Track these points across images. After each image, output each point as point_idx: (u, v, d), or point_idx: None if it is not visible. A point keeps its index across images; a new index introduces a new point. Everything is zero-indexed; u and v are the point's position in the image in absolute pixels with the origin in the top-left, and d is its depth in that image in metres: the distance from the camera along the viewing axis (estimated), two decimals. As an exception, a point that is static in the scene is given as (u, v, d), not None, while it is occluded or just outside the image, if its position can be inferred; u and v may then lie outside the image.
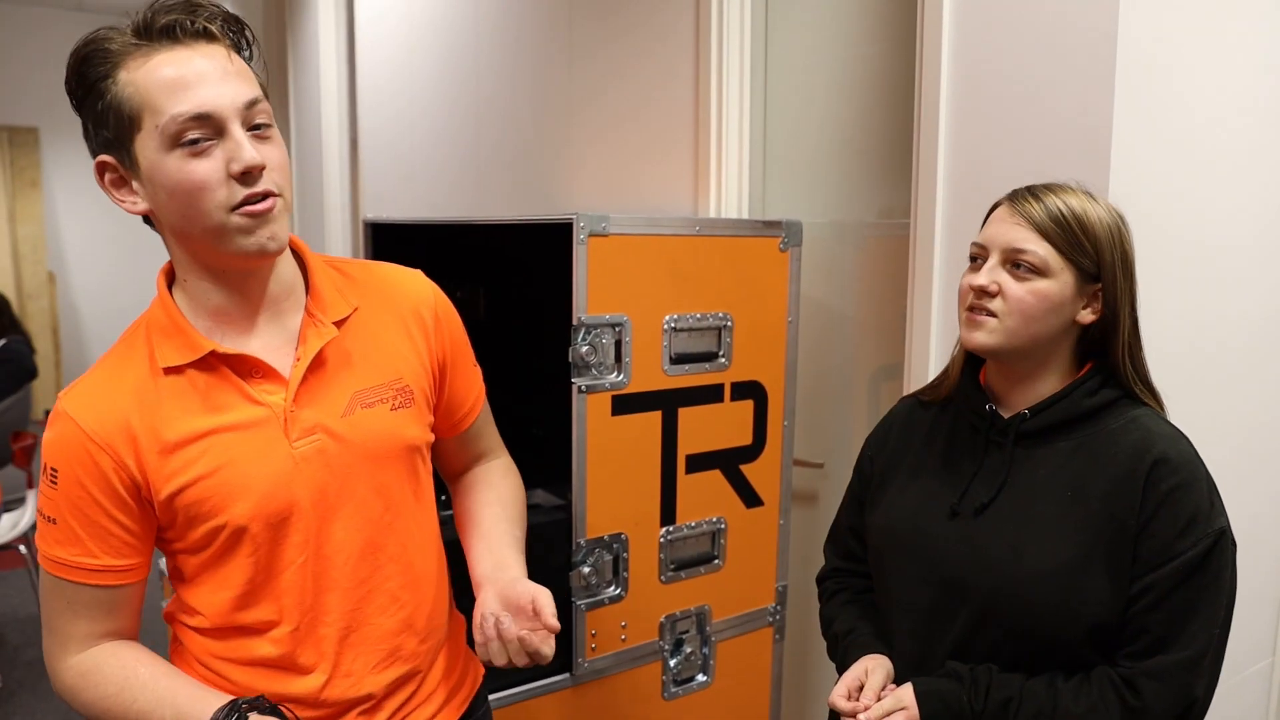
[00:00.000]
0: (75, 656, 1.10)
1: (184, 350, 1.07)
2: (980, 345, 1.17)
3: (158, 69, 0.98)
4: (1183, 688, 1.08)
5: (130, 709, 1.06)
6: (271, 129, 1.03)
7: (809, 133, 2.19)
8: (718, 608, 1.89)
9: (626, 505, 1.72)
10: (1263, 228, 1.75)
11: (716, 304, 1.79)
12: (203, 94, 0.97)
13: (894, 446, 1.35)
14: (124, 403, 1.05)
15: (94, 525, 1.06)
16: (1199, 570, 1.08)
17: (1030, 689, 1.12)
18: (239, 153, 0.98)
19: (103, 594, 1.09)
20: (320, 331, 1.12)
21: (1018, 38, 1.56)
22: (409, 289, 1.23)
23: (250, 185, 1.00)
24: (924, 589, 1.23)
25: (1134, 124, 1.47)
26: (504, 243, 2.22)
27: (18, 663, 3.63)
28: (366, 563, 1.15)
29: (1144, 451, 1.11)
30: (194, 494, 1.05)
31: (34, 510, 3.72)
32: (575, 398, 1.62)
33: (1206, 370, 1.69)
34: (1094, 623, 1.10)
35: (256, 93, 1.02)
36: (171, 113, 0.97)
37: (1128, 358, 1.17)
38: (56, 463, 1.05)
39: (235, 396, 1.08)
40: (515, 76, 2.97)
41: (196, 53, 0.99)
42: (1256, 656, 1.92)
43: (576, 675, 1.71)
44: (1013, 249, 1.14)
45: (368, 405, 1.13)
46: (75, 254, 8.42)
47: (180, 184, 0.99)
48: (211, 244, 1.03)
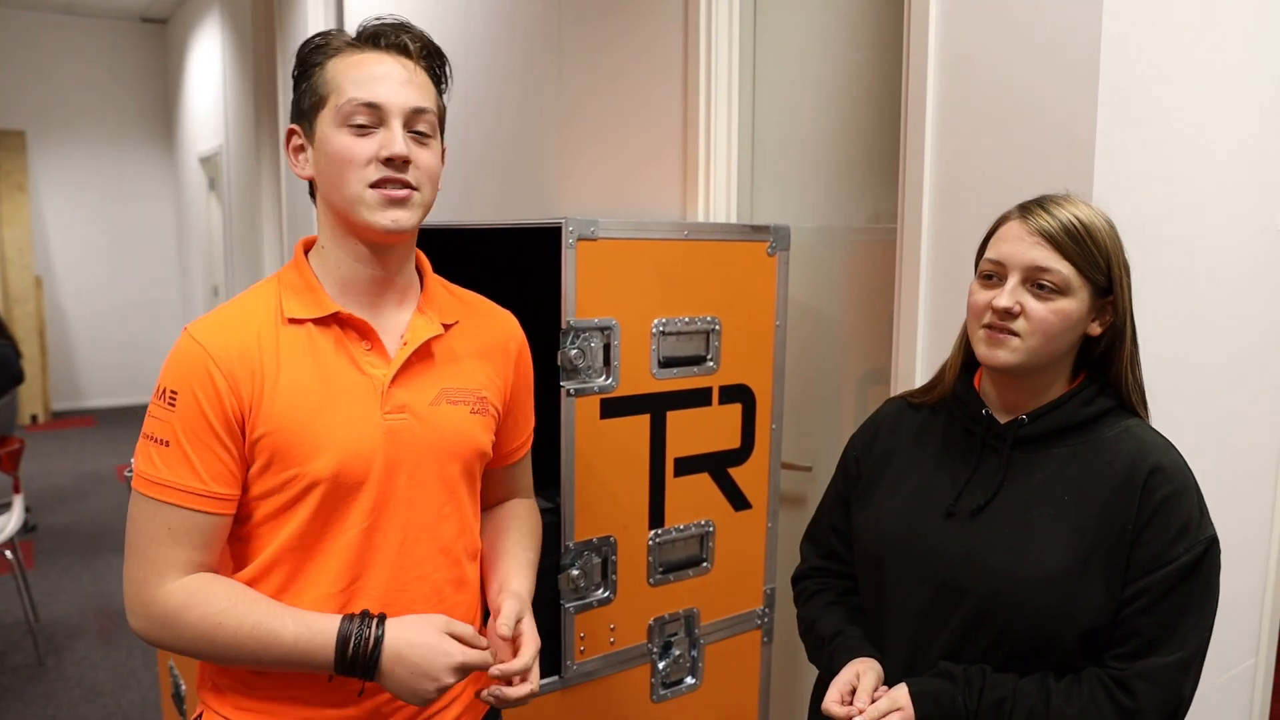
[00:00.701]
0: (177, 581, 1.11)
1: (311, 306, 1.18)
2: (1004, 364, 1.17)
3: (354, 63, 1.16)
4: (1174, 689, 1.11)
5: (246, 620, 1.09)
6: (431, 139, 1.18)
7: (797, 138, 2.20)
8: (706, 610, 1.89)
9: (615, 508, 1.73)
10: (1248, 234, 1.77)
11: (705, 308, 1.80)
12: (379, 89, 1.14)
13: (881, 447, 1.35)
14: (249, 338, 1.14)
15: (205, 449, 1.11)
16: (1191, 576, 1.10)
17: (1023, 689, 1.13)
18: (390, 142, 1.13)
19: (203, 521, 1.12)
20: (429, 326, 1.23)
21: (1003, 45, 1.57)
22: (503, 322, 1.37)
23: (392, 170, 1.14)
24: (918, 590, 1.23)
25: (1118, 130, 1.49)
26: (493, 247, 2.22)
27: (4, 669, 3.61)
28: (419, 548, 1.21)
29: (1140, 460, 1.13)
30: (285, 438, 1.12)
31: (20, 516, 3.71)
32: (564, 401, 1.63)
33: (1193, 377, 1.71)
34: (1088, 627, 1.12)
35: (427, 105, 1.17)
36: (350, 95, 1.14)
37: (1128, 369, 1.19)
38: (177, 385, 1.12)
39: (344, 360, 1.17)
40: (505, 81, 2.98)
41: (389, 59, 1.17)
42: (1242, 656, 1.94)
43: (565, 678, 1.72)
44: (1035, 268, 1.13)
45: (452, 402, 1.24)
46: (62, 258, 8.39)
47: (338, 154, 1.14)
48: (349, 210, 1.15)
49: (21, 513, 3.75)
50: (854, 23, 2.06)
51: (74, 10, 7.98)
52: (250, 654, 1.10)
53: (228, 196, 6.54)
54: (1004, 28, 1.57)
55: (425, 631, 1.13)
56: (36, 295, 8.00)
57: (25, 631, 3.89)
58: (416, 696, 1.12)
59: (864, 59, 2.05)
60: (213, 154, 6.90)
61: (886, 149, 1.94)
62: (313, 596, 1.15)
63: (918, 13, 1.69)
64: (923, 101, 1.69)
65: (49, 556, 4.84)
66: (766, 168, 2.26)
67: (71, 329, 8.51)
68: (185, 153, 8.02)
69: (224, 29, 6.27)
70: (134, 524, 1.13)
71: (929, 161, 1.70)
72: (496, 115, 3.03)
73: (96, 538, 5.15)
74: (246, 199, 6.00)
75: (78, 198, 8.39)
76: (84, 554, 4.90)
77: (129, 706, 3.35)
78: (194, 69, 7.41)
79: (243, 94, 5.86)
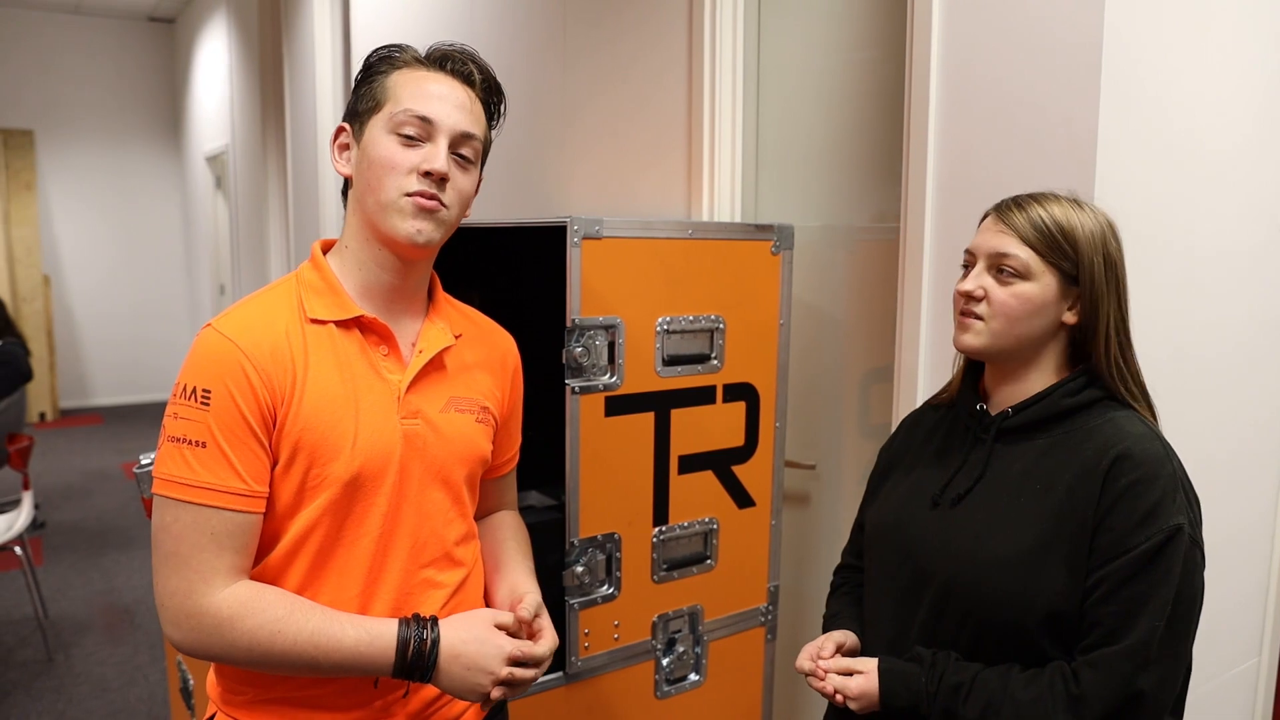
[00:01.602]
0: (227, 588, 1.10)
1: (334, 308, 1.19)
2: (968, 346, 1.23)
3: (417, 78, 1.19)
4: (1121, 678, 1.08)
5: (304, 628, 1.09)
6: (472, 165, 1.22)
7: (800, 137, 2.21)
8: (710, 607, 1.90)
9: (620, 505, 1.74)
10: (1248, 233, 1.77)
11: (709, 306, 1.81)
12: (434, 106, 1.17)
13: (897, 447, 1.41)
14: (279, 335, 1.15)
15: (243, 446, 1.10)
16: (1150, 564, 1.09)
17: (983, 677, 1.15)
18: (433, 156, 1.16)
19: (245, 521, 1.11)
20: (442, 336, 1.26)
21: (1005, 45, 1.58)
22: (503, 340, 1.39)
23: (428, 184, 1.16)
24: (897, 575, 1.29)
25: (1119, 130, 1.50)
26: (498, 245, 2.23)
27: (13, 663, 3.63)
28: (427, 552, 1.22)
29: (1109, 448, 1.14)
30: (311, 437, 1.13)
31: (29, 513, 3.73)
32: (569, 399, 1.64)
33: (1193, 375, 1.71)
34: (1049, 611, 1.12)
35: (476, 132, 1.21)
36: (406, 106, 1.17)
37: (1111, 360, 1.19)
38: (209, 383, 1.10)
39: (365, 364, 1.19)
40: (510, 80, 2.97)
41: (451, 82, 1.21)
42: (1245, 655, 1.95)
43: (569, 674, 1.73)
44: (996, 254, 1.19)
45: (460, 410, 1.26)
46: (70, 257, 8.42)
47: (381, 158, 1.16)
48: (379, 216, 1.17)
49: (31, 509, 3.77)
50: (857, 22, 2.07)
51: (81, 10, 8.01)
52: (309, 660, 1.09)
53: (234, 195, 6.56)
54: (1006, 27, 1.58)
55: (474, 626, 1.16)
56: (44, 294, 8.04)
57: (34, 627, 3.91)
58: (474, 693, 1.14)
59: (867, 58, 2.05)
60: (219, 153, 6.92)
61: (889, 148, 1.94)
62: (329, 600, 1.15)
63: (921, 13, 1.70)
64: (925, 101, 1.70)
65: (57, 553, 4.87)
66: (770, 167, 2.27)
67: (79, 327, 8.54)
68: (192, 152, 8.05)
69: (231, 28, 6.29)
70: (168, 533, 1.10)
71: (931, 161, 1.71)
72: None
73: (104, 534, 5.18)
74: (253, 198, 6.02)
75: (85, 196, 8.42)
76: (92, 550, 4.93)
77: (136, 701, 3.37)
78: (201, 68, 7.44)
79: (249, 93, 5.88)
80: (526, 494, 1.98)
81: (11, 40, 7.89)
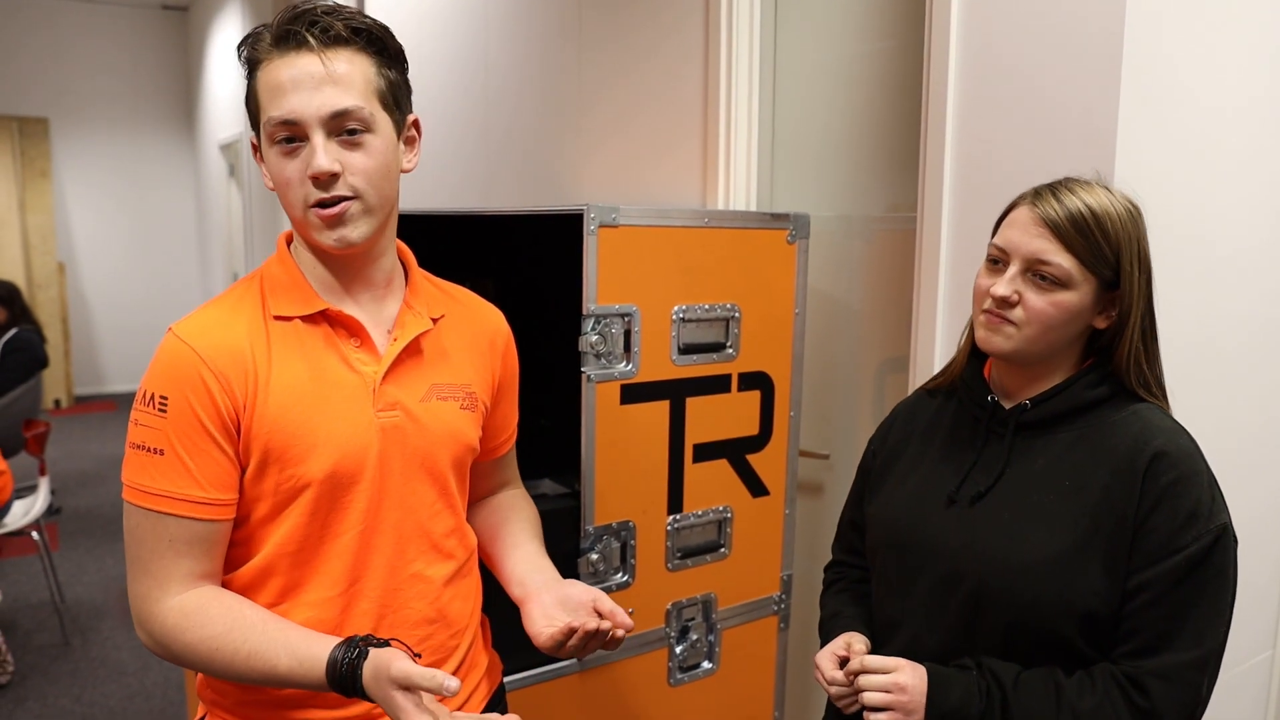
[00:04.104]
0: (177, 597, 1.08)
1: (298, 304, 1.14)
2: (998, 350, 1.17)
3: (271, 74, 1.08)
4: (1192, 688, 1.06)
5: (240, 649, 1.06)
6: (365, 134, 1.09)
7: (817, 126, 2.20)
8: (723, 596, 1.91)
9: (634, 493, 1.75)
10: (1269, 224, 1.76)
11: (724, 295, 1.81)
12: (291, 101, 1.06)
13: (895, 439, 1.36)
14: (239, 337, 1.10)
15: (203, 454, 1.07)
16: (1200, 567, 1.06)
17: (1027, 679, 1.12)
18: (311, 159, 1.07)
19: (205, 529, 1.09)
20: (418, 321, 1.20)
21: (1025, 34, 1.57)
22: (489, 317, 1.33)
23: (321, 190, 1.08)
24: (919, 578, 1.23)
25: (1140, 121, 1.49)
26: (513, 233, 2.23)
27: (30, 647, 3.67)
28: (413, 546, 1.19)
29: (1144, 444, 1.10)
30: (280, 439, 1.09)
31: (45, 499, 3.76)
32: (585, 387, 1.64)
33: (1212, 366, 1.71)
34: (1086, 613, 1.09)
35: (349, 102, 1.07)
36: (269, 114, 1.08)
37: (1132, 358, 1.15)
38: (167, 389, 1.07)
39: (335, 358, 1.14)
40: (525, 68, 2.99)
41: (301, 60, 1.07)
42: (1258, 648, 1.94)
43: (583, 661, 1.73)
44: (1036, 260, 1.12)
45: (442, 398, 1.21)
46: (85, 244, 8.47)
47: (275, 176, 1.11)
48: (299, 229, 1.14)
49: (47, 495, 3.80)
50: (874, 11, 2.06)
51: (96, -3, 8.03)
52: (248, 679, 1.08)
53: (247, 183, 6.58)
54: (1026, 17, 1.57)
55: (381, 683, 1.03)
56: (59, 281, 8.09)
57: (51, 611, 3.95)
58: None
59: (885, 47, 2.04)
60: (233, 141, 6.94)
61: (907, 138, 1.94)
62: (314, 599, 1.13)
63: (940, 1, 1.69)
64: (944, 90, 1.69)
65: (73, 538, 4.91)
66: (786, 156, 2.26)
67: (93, 314, 8.59)
68: (206, 139, 8.07)
69: (244, 16, 6.30)
70: (132, 537, 1.10)
71: (949, 151, 1.70)
72: (518, 103, 3.05)
73: (118, 520, 5.18)
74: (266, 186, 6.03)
75: (100, 184, 8.46)
76: (107, 536, 4.97)
77: (152, 685, 3.40)
78: (214, 56, 7.45)
79: (263, 81, 5.87)
80: (540, 482, 1.98)
81: (26, 29, 7.92)
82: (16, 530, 3.64)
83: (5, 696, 3.30)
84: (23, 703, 3.26)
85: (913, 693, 1.14)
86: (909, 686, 1.14)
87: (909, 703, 1.13)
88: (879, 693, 1.15)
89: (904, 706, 1.13)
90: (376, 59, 1.11)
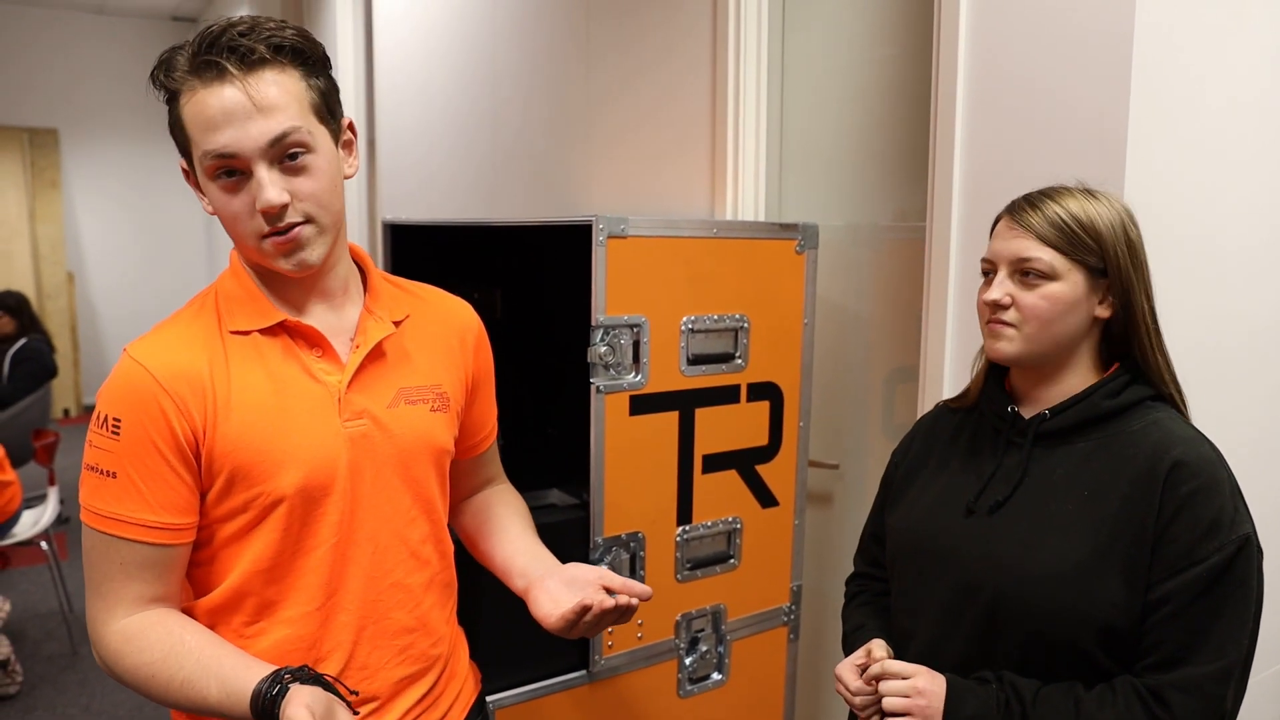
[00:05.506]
0: (121, 621, 1.08)
1: (255, 317, 1.12)
2: (1003, 354, 1.18)
3: (199, 105, 1.03)
4: (1215, 700, 1.05)
5: (175, 676, 1.05)
6: (307, 154, 1.06)
7: (825, 136, 2.20)
8: (733, 607, 1.90)
9: (643, 504, 1.74)
10: (1272, 227, 1.75)
11: (733, 305, 1.80)
12: (225, 136, 1.02)
13: (917, 451, 1.36)
14: (195, 356, 1.08)
15: (156, 478, 1.05)
16: (1222, 578, 1.05)
17: (1047, 693, 1.11)
18: (259, 194, 1.04)
19: (157, 554, 1.07)
20: (380, 326, 1.17)
21: (1034, 40, 1.57)
22: (457, 312, 1.31)
23: (273, 222, 1.06)
24: (937, 588, 1.23)
25: (1149, 125, 1.48)
26: (522, 244, 2.23)
27: (39, 657, 3.67)
28: (390, 555, 1.18)
29: (1163, 453, 1.09)
30: (244, 457, 1.07)
31: (55, 508, 3.77)
32: (594, 398, 1.64)
33: (1221, 369, 1.70)
34: (1105, 624, 1.08)
35: (286, 126, 1.03)
36: (204, 148, 1.04)
37: (1153, 351, 1.16)
38: (120, 412, 1.05)
39: (296, 370, 1.12)
40: (533, 78, 2.99)
41: (230, 88, 1.02)
42: (1273, 659, 1.92)
43: (593, 672, 1.73)
44: (1018, 259, 1.15)
45: (411, 402, 1.19)
46: (94, 254, 8.50)
47: (220, 210, 1.08)
48: (254, 256, 1.11)
49: (56, 505, 3.81)
50: (883, 19, 2.06)
51: (105, 9, 8.08)
52: (184, 708, 1.07)
53: (256, 193, 6.58)
54: (1035, 24, 1.56)
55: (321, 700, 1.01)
56: (68, 291, 8.12)
57: (60, 621, 3.95)
58: None
59: (893, 55, 2.04)
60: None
61: (915, 147, 1.93)
62: (291, 615, 1.12)
63: (948, 9, 1.68)
64: (953, 98, 1.68)
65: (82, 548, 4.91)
66: (795, 165, 2.26)
67: (102, 324, 8.62)
68: (214, 150, 8.09)
69: (253, 27, 6.32)
70: (87, 558, 1.09)
71: (958, 159, 1.70)
72: (525, 113, 3.05)
73: (128, 530, 5.22)
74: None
75: (109, 194, 8.50)
76: (116, 546, 4.97)
77: (160, 696, 3.40)
78: (223, 67, 7.48)
79: (271, 92, 5.90)
80: (549, 493, 1.98)
81: (36, 40, 7.97)
82: (26, 540, 3.65)
83: (14, 706, 3.30)
84: (31, 712, 3.26)
85: (931, 698, 1.14)
86: (928, 691, 1.14)
87: (928, 707, 1.13)
88: (898, 697, 1.15)
89: (923, 711, 1.13)
90: (302, 70, 1.07)
